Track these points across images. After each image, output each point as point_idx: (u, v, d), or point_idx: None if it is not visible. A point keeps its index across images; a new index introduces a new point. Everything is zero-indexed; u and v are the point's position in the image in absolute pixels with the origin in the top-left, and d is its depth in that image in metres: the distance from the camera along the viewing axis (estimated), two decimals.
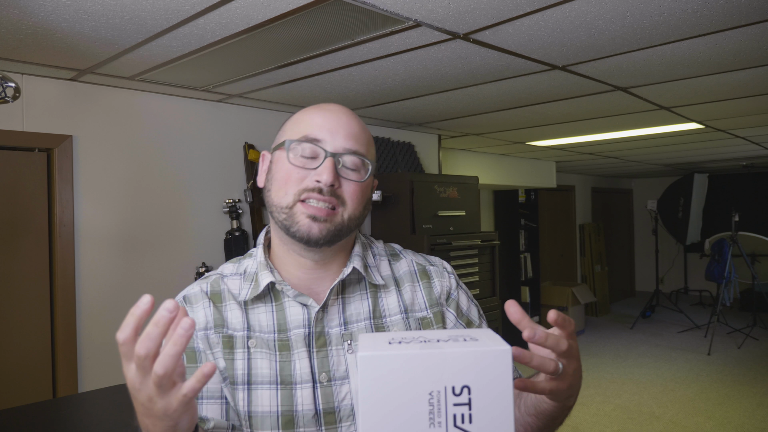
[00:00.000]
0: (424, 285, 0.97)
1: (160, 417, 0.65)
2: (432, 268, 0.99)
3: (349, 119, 0.90)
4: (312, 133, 0.87)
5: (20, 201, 2.37)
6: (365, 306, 0.91)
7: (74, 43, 1.95)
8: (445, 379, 0.61)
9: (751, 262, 6.50)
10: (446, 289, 0.98)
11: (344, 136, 0.87)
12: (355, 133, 0.89)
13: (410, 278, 0.97)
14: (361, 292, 0.92)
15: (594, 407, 4.24)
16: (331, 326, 0.88)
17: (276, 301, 0.90)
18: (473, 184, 3.87)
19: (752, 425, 3.83)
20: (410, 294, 0.95)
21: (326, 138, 0.86)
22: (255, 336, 0.88)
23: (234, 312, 0.90)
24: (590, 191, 8.56)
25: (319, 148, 0.86)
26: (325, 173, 0.84)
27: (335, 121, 0.88)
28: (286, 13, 1.71)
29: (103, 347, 2.53)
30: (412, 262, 0.99)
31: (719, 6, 1.75)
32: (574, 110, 3.40)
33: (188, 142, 2.86)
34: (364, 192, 0.90)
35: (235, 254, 2.90)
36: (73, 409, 1.94)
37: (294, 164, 0.86)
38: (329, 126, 0.87)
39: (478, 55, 2.23)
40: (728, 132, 4.43)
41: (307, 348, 0.87)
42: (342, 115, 0.90)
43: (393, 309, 0.93)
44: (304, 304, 0.88)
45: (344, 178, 0.86)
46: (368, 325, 0.90)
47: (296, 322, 0.88)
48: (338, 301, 0.90)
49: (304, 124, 0.89)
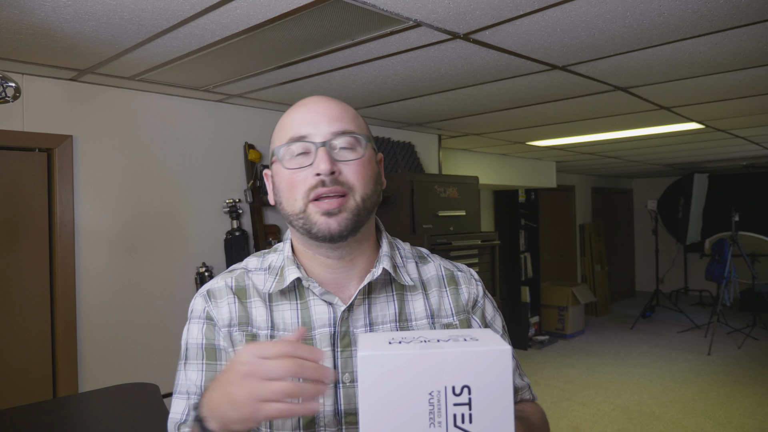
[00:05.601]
0: (452, 291, 0.95)
1: (240, 410, 0.68)
2: (460, 274, 0.98)
3: (327, 104, 0.89)
4: (296, 132, 0.86)
5: (20, 201, 2.37)
6: (391, 308, 0.90)
7: (74, 43, 1.95)
8: (446, 379, 0.61)
9: (751, 262, 6.49)
10: (473, 297, 0.96)
11: (327, 122, 0.86)
12: (337, 114, 0.87)
13: (438, 283, 0.95)
14: (387, 293, 0.91)
15: (594, 407, 4.24)
16: (357, 326, 0.87)
17: (301, 299, 0.89)
18: (473, 184, 3.88)
19: (752, 425, 3.83)
20: (437, 299, 0.94)
21: (311, 131, 0.85)
22: (279, 335, 0.87)
23: (259, 309, 0.89)
24: (590, 191, 8.55)
25: (308, 143, 0.85)
26: (321, 163, 0.83)
27: (314, 112, 0.87)
28: (286, 13, 1.71)
29: (103, 347, 2.53)
30: (440, 267, 0.98)
31: (719, 6, 1.75)
32: (574, 110, 3.40)
33: (188, 142, 2.86)
34: (368, 167, 0.88)
35: (235, 254, 2.90)
36: (73, 409, 1.94)
37: (291, 168, 0.85)
38: (310, 118, 0.87)
39: (478, 55, 2.23)
40: (728, 132, 4.43)
41: (332, 347, 0.86)
42: (319, 103, 0.89)
43: (420, 313, 0.91)
44: (329, 302, 0.87)
45: (342, 161, 0.85)
46: (394, 327, 0.89)
47: (321, 321, 0.87)
48: (365, 301, 0.89)
49: (287, 127, 0.88)
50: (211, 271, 2.85)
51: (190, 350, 0.89)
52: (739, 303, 7.86)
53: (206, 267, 2.84)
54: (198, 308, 0.90)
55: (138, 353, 2.62)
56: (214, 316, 0.89)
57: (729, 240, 6.30)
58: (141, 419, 1.73)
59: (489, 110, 3.35)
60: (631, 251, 9.77)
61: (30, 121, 2.35)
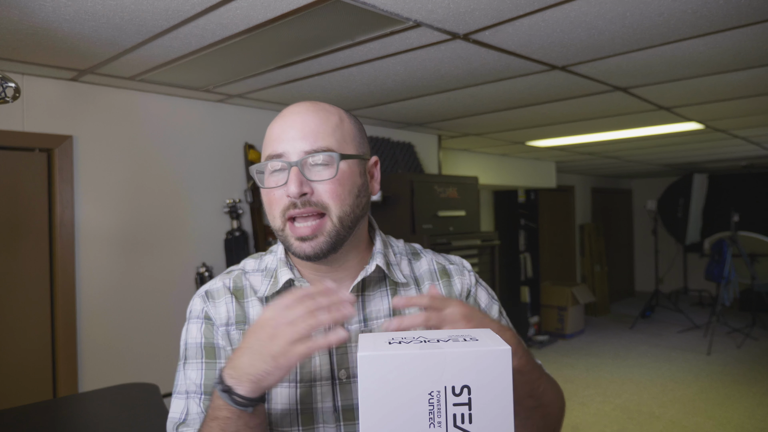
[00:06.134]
0: (444, 283, 0.97)
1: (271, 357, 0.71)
2: (452, 267, 0.99)
3: (305, 117, 0.86)
4: (273, 150, 0.86)
5: (20, 201, 2.37)
6: (385, 304, 0.91)
7: (75, 43, 1.95)
8: (445, 379, 0.62)
9: (750, 262, 6.49)
10: (467, 287, 0.97)
11: (301, 138, 0.84)
12: (313, 128, 0.85)
13: (430, 277, 0.97)
14: (381, 290, 0.92)
15: (594, 407, 4.24)
16: (351, 323, 0.89)
17: None
18: (473, 184, 3.88)
19: (752, 425, 3.83)
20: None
21: (286, 149, 0.85)
22: None
23: (255, 308, 0.90)
24: (590, 191, 8.56)
25: (282, 161, 0.85)
26: (291, 185, 0.82)
27: (290, 127, 0.86)
28: (286, 13, 1.71)
29: (103, 347, 2.53)
30: (432, 261, 0.99)
31: (719, 6, 1.75)
32: (574, 110, 3.40)
33: (188, 142, 2.86)
34: (345, 184, 0.85)
35: (235, 255, 2.90)
36: (73, 409, 1.94)
37: (268, 186, 0.86)
38: (285, 135, 0.85)
39: (478, 56, 2.23)
40: (728, 132, 4.43)
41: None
42: (296, 117, 0.86)
43: (413, 308, 0.92)
44: None
45: (316, 180, 0.84)
46: None
47: None
48: (359, 298, 0.90)
49: (267, 141, 0.88)
50: (211, 271, 2.85)
51: (189, 350, 0.90)
52: (739, 303, 7.86)
53: (206, 267, 2.84)
54: (196, 308, 0.92)
55: (138, 353, 2.62)
56: (213, 315, 0.90)
57: (728, 240, 6.30)
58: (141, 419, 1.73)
59: (489, 110, 3.35)
60: (630, 251, 9.77)
61: (30, 121, 2.35)
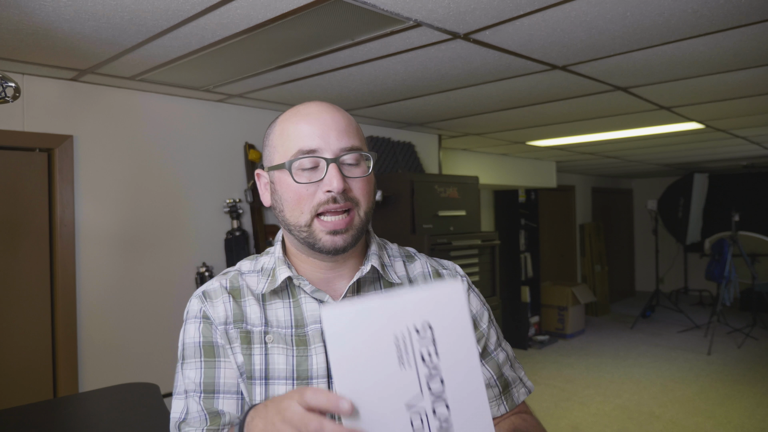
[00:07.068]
0: None
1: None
2: (445, 271, 1.01)
3: (333, 116, 0.89)
4: (305, 145, 0.86)
5: (21, 201, 2.37)
6: None
7: (75, 43, 1.95)
8: (407, 321, 0.65)
9: (751, 261, 6.49)
10: None
11: (336, 136, 0.87)
12: (344, 127, 0.88)
13: (424, 279, 0.99)
14: (376, 290, 0.94)
15: (594, 407, 4.24)
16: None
17: (293, 297, 0.92)
18: (473, 184, 3.88)
19: (752, 425, 3.83)
20: None
21: (321, 145, 0.86)
22: (272, 331, 0.89)
23: (252, 307, 0.91)
24: (590, 191, 8.56)
25: (318, 158, 0.86)
26: (334, 181, 0.84)
27: (322, 124, 0.87)
28: (286, 13, 1.72)
29: (104, 347, 2.53)
30: (426, 264, 1.01)
31: (719, 6, 1.75)
32: (574, 110, 3.40)
33: (188, 142, 2.86)
34: (371, 182, 0.91)
35: (235, 254, 2.90)
36: (73, 409, 1.94)
37: (300, 182, 0.86)
38: (319, 131, 0.87)
39: (478, 55, 2.23)
40: (728, 132, 4.43)
41: (324, 343, 0.88)
42: (326, 115, 0.89)
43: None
44: (320, 300, 0.90)
45: (350, 177, 0.87)
46: None
47: (313, 318, 0.89)
48: (354, 298, 0.91)
49: (293, 137, 0.88)
50: (212, 271, 2.85)
51: (187, 349, 0.91)
52: (739, 303, 7.86)
53: (206, 267, 2.84)
54: (194, 309, 0.93)
55: (138, 353, 2.63)
56: (210, 314, 0.91)
57: (729, 240, 6.30)
58: (141, 419, 1.73)
59: (489, 110, 3.35)
60: (631, 251, 9.77)
61: (30, 121, 2.35)
